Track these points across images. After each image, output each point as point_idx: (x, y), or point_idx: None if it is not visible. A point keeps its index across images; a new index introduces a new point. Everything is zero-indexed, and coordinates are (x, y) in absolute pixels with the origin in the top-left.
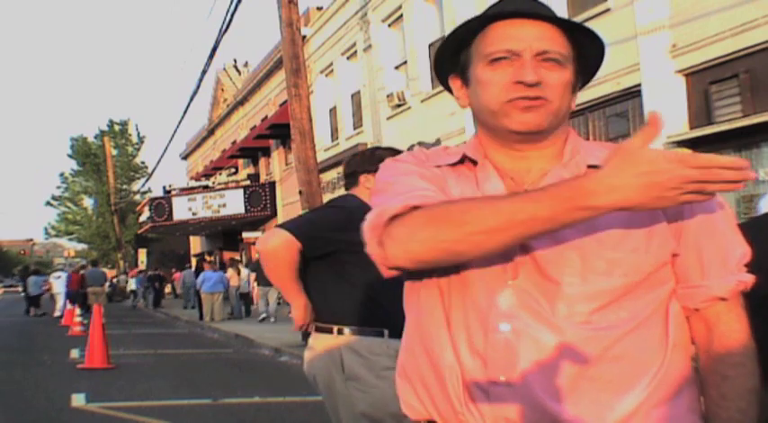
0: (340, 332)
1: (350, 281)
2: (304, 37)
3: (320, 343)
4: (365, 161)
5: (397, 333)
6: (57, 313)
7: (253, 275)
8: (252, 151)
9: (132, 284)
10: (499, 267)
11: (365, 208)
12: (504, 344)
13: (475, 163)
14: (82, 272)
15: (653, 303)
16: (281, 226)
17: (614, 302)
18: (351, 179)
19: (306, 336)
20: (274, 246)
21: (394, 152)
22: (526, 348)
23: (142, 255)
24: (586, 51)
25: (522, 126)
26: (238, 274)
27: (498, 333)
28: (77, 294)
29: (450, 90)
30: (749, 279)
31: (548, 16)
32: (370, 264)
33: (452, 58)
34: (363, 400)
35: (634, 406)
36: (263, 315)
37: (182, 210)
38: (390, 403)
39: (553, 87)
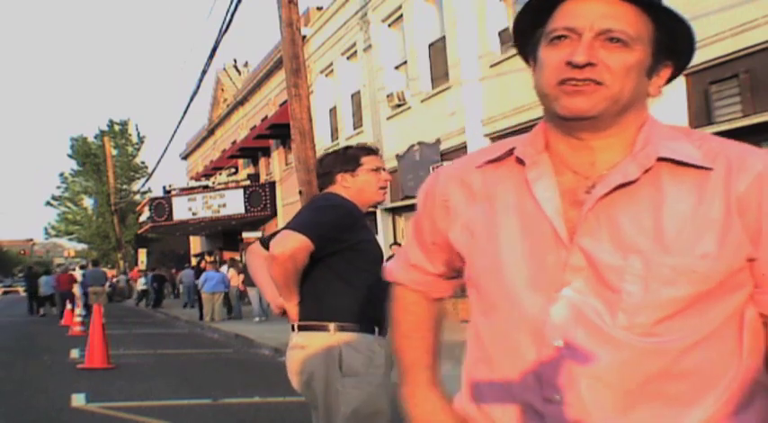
0: (337, 330)
1: (343, 279)
2: (304, 37)
3: (315, 341)
4: (339, 160)
5: (385, 331)
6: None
7: (241, 277)
8: (252, 151)
9: (141, 284)
10: (552, 275)
11: (356, 207)
12: (559, 360)
13: (522, 162)
14: (71, 272)
15: (725, 312)
16: (292, 228)
17: (680, 312)
18: (326, 178)
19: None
20: (293, 249)
21: (368, 151)
22: (583, 364)
23: (142, 255)
24: (671, 31)
25: (567, 111)
26: (239, 274)
27: (553, 349)
28: (68, 294)
29: None
30: None
31: None
32: (363, 262)
33: (530, 37)
34: (358, 397)
35: (701, 422)
36: (257, 319)
37: (182, 210)
38: (379, 400)
39: (612, 70)
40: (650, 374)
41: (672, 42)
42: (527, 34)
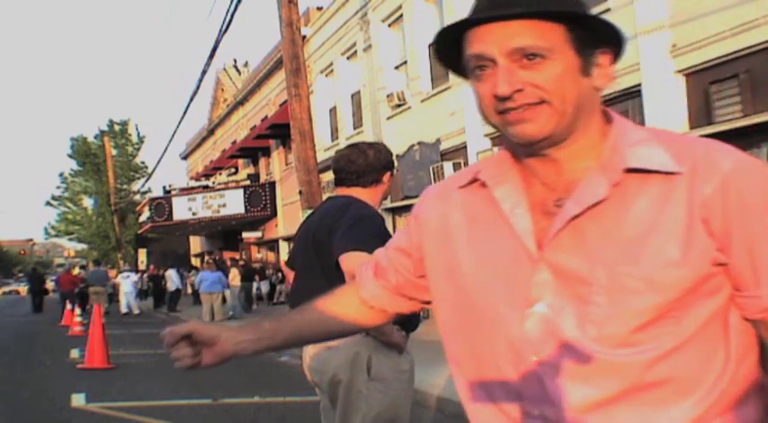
0: (368, 333)
1: None
2: (304, 37)
3: (343, 342)
4: (390, 158)
5: (410, 331)
6: (123, 310)
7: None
8: (252, 151)
9: (171, 281)
10: (525, 291)
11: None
12: (534, 376)
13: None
14: (76, 272)
15: (702, 318)
16: (357, 249)
17: (653, 322)
18: (374, 176)
19: None
20: None
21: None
22: (556, 379)
23: (142, 255)
24: (583, 25)
25: (519, 139)
26: (240, 274)
27: (529, 365)
28: (71, 294)
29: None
30: None
31: (506, 14)
32: None
33: (459, 60)
34: (382, 402)
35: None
36: (231, 313)
37: (182, 210)
38: (401, 405)
39: (542, 87)
40: (624, 384)
41: (590, 32)
42: (453, 63)
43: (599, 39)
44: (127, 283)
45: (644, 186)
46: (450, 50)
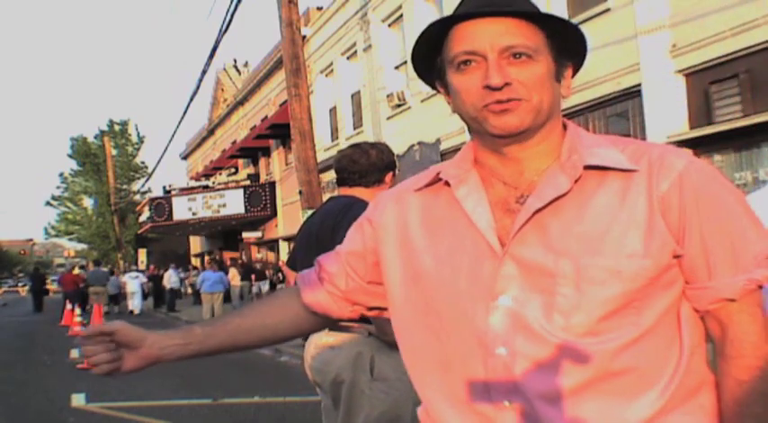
0: (370, 332)
1: None
2: (304, 37)
3: (346, 342)
4: (392, 158)
5: None
6: (130, 308)
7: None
8: (252, 151)
9: (170, 280)
10: (489, 285)
11: None
12: (503, 368)
13: (448, 183)
14: (76, 272)
15: (659, 309)
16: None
17: (616, 312)
18: (377, 176)
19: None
20: None
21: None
22: (525, 369)
23: (142, 255)
24: (561, 34)
25: (499, 130)
26: (239, 274)
27: (496, 357)
28: (73, 294)
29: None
30: (763, 276)
31: (500, 11)
32: None
33: (431, 64)
34: (385, 401)
35: (647, 416)
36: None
37: (182, 210)
38: (404, 405)
39: (527, 85)
40: (592, 373)
41: (565, 43)
42: (427, 63)
43: (570, 50)
44: (134, 284)
45: (603, 182)
46: (427, 53)
